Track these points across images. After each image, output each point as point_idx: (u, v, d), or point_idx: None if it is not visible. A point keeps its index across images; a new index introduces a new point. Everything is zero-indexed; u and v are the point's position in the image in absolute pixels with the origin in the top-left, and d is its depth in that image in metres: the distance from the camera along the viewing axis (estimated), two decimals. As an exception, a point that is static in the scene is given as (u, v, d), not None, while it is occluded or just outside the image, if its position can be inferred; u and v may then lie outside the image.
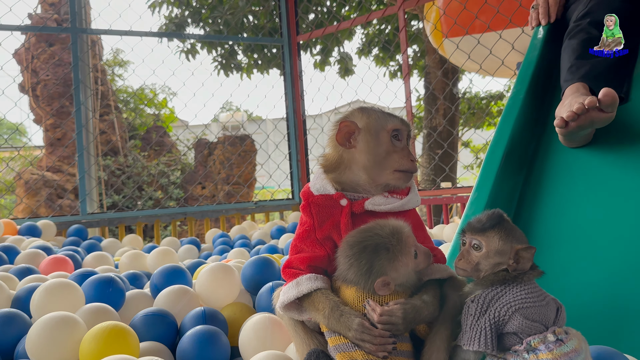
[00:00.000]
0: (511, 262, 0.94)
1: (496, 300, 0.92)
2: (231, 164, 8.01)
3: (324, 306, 1.00)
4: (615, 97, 1.40)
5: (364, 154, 1.10)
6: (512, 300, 0.91)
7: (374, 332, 0.94)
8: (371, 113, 1.13)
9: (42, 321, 1.30)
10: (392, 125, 1.11)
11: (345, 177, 1.12)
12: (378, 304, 0.96)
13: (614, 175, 1.55)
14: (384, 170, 1.10)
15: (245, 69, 8.17)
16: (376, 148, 1.10)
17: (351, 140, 1.11)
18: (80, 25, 4.21)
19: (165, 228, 8.90)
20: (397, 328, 0.94)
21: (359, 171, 1.11)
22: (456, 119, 8.03)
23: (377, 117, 1.12)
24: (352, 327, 0.95)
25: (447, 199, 3.68)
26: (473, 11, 3.96)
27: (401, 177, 1.11)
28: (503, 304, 0.91)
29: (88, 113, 4.26)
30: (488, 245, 0.95)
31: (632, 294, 1.27)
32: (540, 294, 0.93)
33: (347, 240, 1.01)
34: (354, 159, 1.11)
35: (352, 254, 0.98)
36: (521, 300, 0.91)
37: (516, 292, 0.92)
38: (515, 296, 0.91)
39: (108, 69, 11.00)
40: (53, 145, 8.28)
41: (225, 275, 1.63)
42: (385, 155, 1.10)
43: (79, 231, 3.38)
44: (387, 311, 0.94)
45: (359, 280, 0.97)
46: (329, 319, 0.98)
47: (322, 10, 7.57)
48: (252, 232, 3.56)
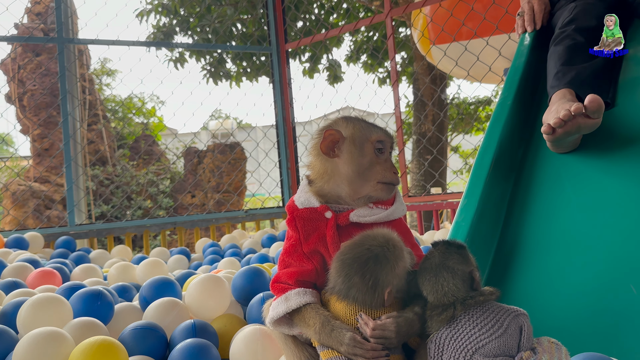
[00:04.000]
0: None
1: (450, 343, 0.87)
2: (221, 172, 7.98)
3: (314, 321, 0.99)
4: (600, 103, 1.42)
5: (348, 165, 1.09)
6: (467, 343, 0.86)
7: (366, 346, 0.93)
8: (356, 123, 1.13)
9: (29, 337, 1.28)
10: (376, 137, 1.11)
11: (328, 188, 1.12)
12: (371, 318, 0.95)
13: (602, 180, 1.56)
14: (367, 182, 1.09)
15: (234, 77, 8.16)
16: (359, 159, 1.09)
17: (335, 149, 1.11)
18: (67, 35, 4.18)
19: (155, 237, 8.84)
20: (391, 342, 0.94)
21: (341, 182, 1.10)
22: (445, 125, 8.07)
23: (362, 128, 1.12)
24: (344, 342, 0.94)
25: (437, 205, 3.69)
26: (460, 18, 3.99)
27: (384, 189, 1.10)
28: (457, 348, 0.86)
29: (76, 123, 4.23)
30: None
31: (621, 298, 1.28)
32: (495, 322, 0.88)
33: (342, 258, 0.98)
34: (337, 169, 1.10)
35: (353, 272, 0.96)
36: (476, 340, 0.86)
37: (469, 329, 0.87)
38: (469, 336, 0.86)
39: (96, 78, 10.94)
40: (40, 155, 8.20)
41: (215, 287, 1.61)
42: (368, 166, 1.09)
43: (67, 243, 3.35)
44: (380, 325, 0.94)
45: (365, 297, 0.95)
46: (320, 334, 0.98)
47: (310, 18, 7.60)
48: (243, 241, 3.54)
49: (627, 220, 1.43)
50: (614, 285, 1.31)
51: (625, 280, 1.30)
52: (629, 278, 1.30)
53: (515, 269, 1.45)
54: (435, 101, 7.29)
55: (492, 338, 0.86)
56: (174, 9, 7.73)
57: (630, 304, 1.26)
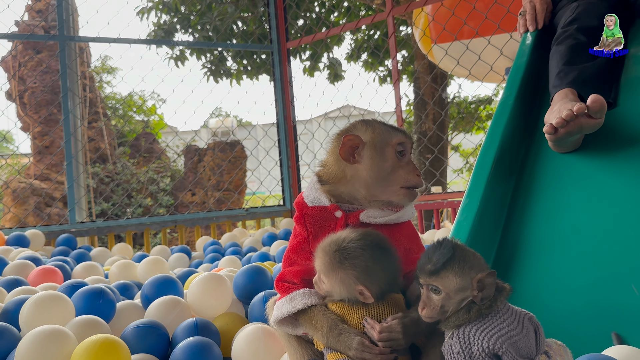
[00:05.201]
0: (476, 292, 0.86)
1: (479, 336, 0.85)
2: (221, 171, 7.98)
3: (321, 324, 0.98)
4: (603, 103, 1.42)
5: (368, 170, 1.07)
6: (499, 335, 0.84)
7: (375, 350, 0.93)
8: (375, 127, 1.10)
9: (31, 335, 1.28)
10: (397, 140, 1.08)
11: (344, 190, 1.10)
12: (377, 322, 0.95)
13: (603, 180, 1.56)
14: (389, 187, 1.07)
15: (234, 75, 8.16)
16: (381, 164, 1.07)
17: (355, 155, 1.08)
18: (68, 33, 4.18)
19: (155, 235, 8.84)
20: (399, 343, 0.94)
21: (360, 187, 1.08)
22: (445, 124, 8.07)
23: (382, 132, 1.09)
24: (352, 347, 0.94)
25: (438, 204, 3.69)
26: (461, 17, 3.99)
27: (407, 195, 1.08)
28: (489, 338, 0.84)
29: (76, 121, 4.23)
30: (446, 287, 0.87)
31: (623, 298, 1.28)
32: (518, 322, 0.87)
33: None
34: (357, 175, 1.08)
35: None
36: (507, 334, 0.84)
37: (497, 324, 0.85)
38: (500, 329, 0.84)
39: (96, 76, 10.93)
40: (41, 153, 8.20)
41: (217, 285, 1.61)
42: (390, 171, 1.07)
43: (68, 240, 3.35)
44: (386, 328, 0.94)
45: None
46: (328, 337, 0.97)
47: (310, 16, 7.59)
48: (244, 240, 3.54)
49: (628, 220, 1.44)
50: (615, 285, 1.31)
51: (626, 280, 1.31)
52: (630, 278, 1.30)
53: (516, 268, 1.45)
54: (436, 100, 7.29)
55: (520, 337, 0.85)
56: (174, 7, 7.72)
57: (632, 304, 1.26)
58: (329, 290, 1.00)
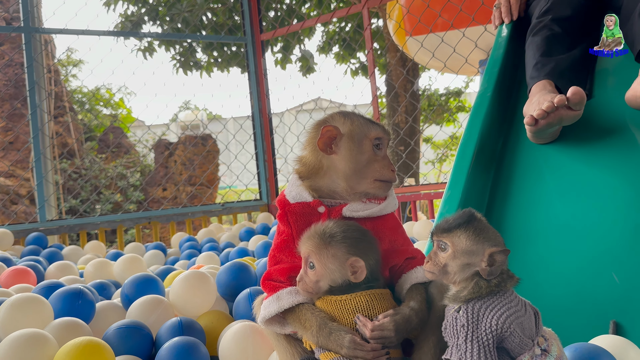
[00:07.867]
0: (484, 265, 0.87)
1: (491, 310, 0.86)
2: (194, 165, 7.87)
3: (310, 324, 0.98)
4: (583, 96, 1.44)
5: (345, 162, 1.08)
6: (508, 314, 0.85)
7: (367, 347, 0.93)
8: (354, 119, 1.11)
9: (9, 339, 1.24)
10: (374, 134, 1.09)
11: (322, 184, 1.10)
12: (368, 320, 0.95)
13: (581, 170, 1.60)
14: (364, 179, 1.08)
15: (204, 67, 8.03)
16: (358, 156, 1.08)
17: (332, 146, 1.09)
18: (33, 24, 4.03)
19: (126, 232, 8.67)
20: (390, 340, 0.93)
21: (337, 178, 1.09)
22: (417, 116, 8.12)
23: (360, 124, 1.10)
24: (344, 345, 0.93)
25: (415, 196, 3.72)
26: (436, 9, 4.01)
27: (381, 187, 1.09)
28: (502, 313, 0.85)
29: (44, 116, 4.09)
30: (454, 245, 0.88)
31: (603, 287, 1.31)
32: (522, 305, 0.89)
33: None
34: (334, 166, 1.09)
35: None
36: (514, 313, 0.85)
37: (505, 303, 0.86)
38: (508, 308, 0.85)
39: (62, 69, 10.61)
40: (5, 149, 7.93)
41: (200, 283, 1.59)
42: (366, 163, 1.08)
43: (38, 239, 3.24)
44: (378, 326, 0.93)
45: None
46: (318, 337, 0.96)
47: (281, 7, 7.52)
48: (220, 235, 3.50)
49: (606, 209, 1.47)
50: (595, 274, 1.34)
51: (607, 268, 1.33)
52: (610, 266, 1.33)
53: (500, 259, 1.46)
54: (408, 92, 7.33)
55: (525, 317, 0.87)
56: (142, -2, 7.54)
57: (613, 292, 1.29)
58: (319, 276, 0.98)
